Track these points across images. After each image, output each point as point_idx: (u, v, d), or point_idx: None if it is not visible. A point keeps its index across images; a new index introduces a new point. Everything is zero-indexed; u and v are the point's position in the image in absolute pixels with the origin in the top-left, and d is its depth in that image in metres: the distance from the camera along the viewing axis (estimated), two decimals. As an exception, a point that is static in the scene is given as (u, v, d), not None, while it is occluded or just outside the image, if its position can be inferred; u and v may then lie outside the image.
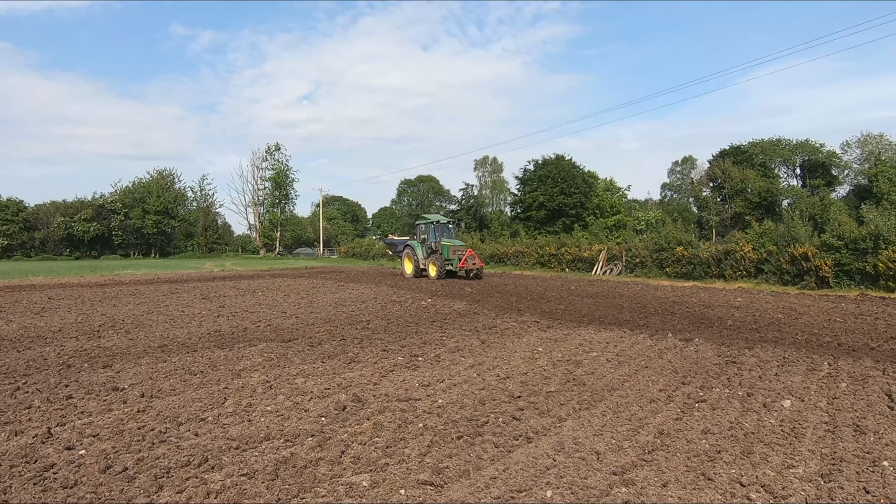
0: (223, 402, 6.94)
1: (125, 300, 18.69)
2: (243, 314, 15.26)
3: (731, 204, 61.56)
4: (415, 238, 31.60)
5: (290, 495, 4.48)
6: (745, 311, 16.44)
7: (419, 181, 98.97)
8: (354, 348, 10.46)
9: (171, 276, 32.71)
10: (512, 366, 9.03)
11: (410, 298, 19.37)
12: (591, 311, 16.09)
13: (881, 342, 11.22)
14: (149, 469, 4.90)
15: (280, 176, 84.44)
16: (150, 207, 77.33)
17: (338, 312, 15.72)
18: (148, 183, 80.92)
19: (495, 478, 4.78)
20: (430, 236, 30.32)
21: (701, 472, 4.90)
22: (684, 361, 9.42)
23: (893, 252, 22.21)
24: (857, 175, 63.79)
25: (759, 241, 27.58)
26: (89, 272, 35.26)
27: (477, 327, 12.94)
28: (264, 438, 5.66)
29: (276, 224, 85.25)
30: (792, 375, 8.38)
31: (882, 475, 4.82)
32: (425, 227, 30.89)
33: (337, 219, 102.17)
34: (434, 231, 30.33)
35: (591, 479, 4.74)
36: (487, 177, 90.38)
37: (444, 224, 31.07)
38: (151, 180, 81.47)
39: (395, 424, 6.08)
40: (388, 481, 4.71)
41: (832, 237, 24.70)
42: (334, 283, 26.43)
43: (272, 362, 9.23)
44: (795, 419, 6.35)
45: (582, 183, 60.28)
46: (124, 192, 79.98)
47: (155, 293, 21.17)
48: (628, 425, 6.14)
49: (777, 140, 69.63)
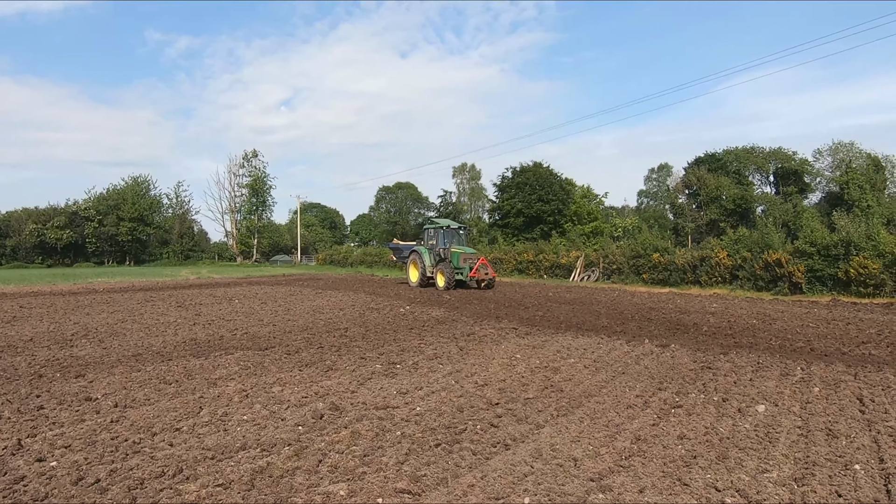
0: (199, 412, 6.86)
1: (99, 308, 18.42)
2: (220, 322, 15.12)
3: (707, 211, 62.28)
4: (422, 243, 29.32)
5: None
6: (721, 316, 16.62)
7: (397, 188, 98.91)
8: (332, 356, 10.40)
9: (146, 283, 32.29)
10: (490, 373, 9.04)
11: (389, 306, 19.32)
12: (569, 318, 16.17)
13: (852, 347, 11.40)
14: (122, 481, 4.83)
15: (257, 182, 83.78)
16: (125, 214, 76.24)
17: (315, 320, 15.63)
18: (122, 189, 79.77)
19: (473, 485, 4.78)
20: (439, 242, 28.13)
21: (677, 477, 4.94)
22: (661, 367, 9.49)
23: (864, 258, 22.61)
24: (828, 182, 64.85)
25: (733, 248, 27.93)
26: (62, 280, 34.70)
27: (455, 334, 12.94)
28: (240, 448, 5.60)
29: (253, 231, 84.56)
30: (766, 380, 8.48)
31: (854, 478, 4.89)
32: (434, 233, 28.61)
33: (315, 226, 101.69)
34: (444, 237, 28.17)
35: (569, 486, 4.75)
36: (466, 184, 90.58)
37: (455, 229, 29.01)
38: (126, 187, 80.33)
39: (372, 433, 6.06)
40: (365, 490, 4.69)
41: (805, 244, 25.10)
42: (312, 291, 26.28)
43: (249, 371, 9.14)
44: (769, 424, 6.43)
45: (559, 190, 60.66)
46: (98, 198, 78.79)
47: (129, 301, 20.89)
48: (605, 431, 6.17)
49: (751, 148, 70.71)
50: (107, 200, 78.15)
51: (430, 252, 27.95)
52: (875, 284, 22.22)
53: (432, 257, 27.81)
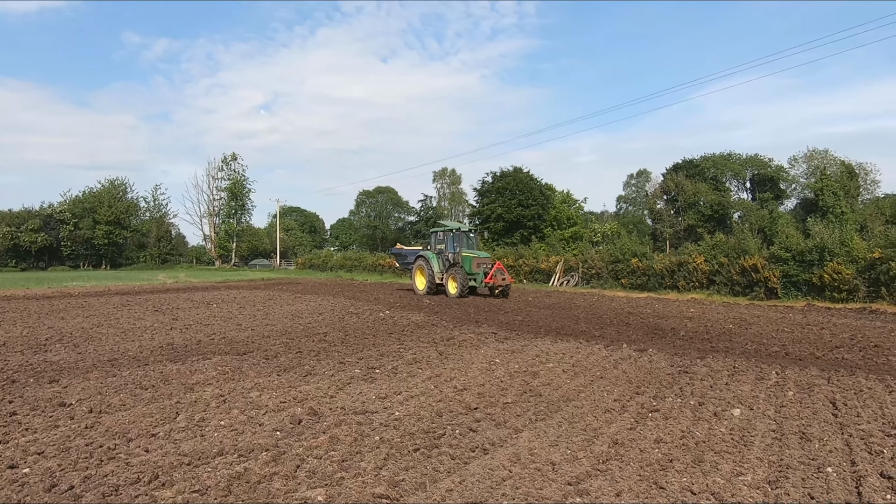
0: (175, 417, 6.79)
1: (74, 313, 18.17)
2: (197, 327, 14.98)
3: (685, 216, 62.99)
4: (428, 248, 27.40)
5: (244, 511, 4.41)
6: (698, 321, 16.79)
7: (378, 192, 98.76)
8: (311, 361, 10.36)
9: (123, 287, 31.90)
10: (469, 377, 9.05)
11: (368, 310, 19.28)
12: (548, 323, 16.24)
13: (826, 351, 11.58)
14: (96, 487, 4.77)
15: (236, 186, 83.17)
16: (101, 218, 75.27)
17: (294, 325, 15.54)
18: (99, 192, 78.75)
19: (451, 490, 4.78)
20: (448, 246, 26.05)
21: (653, 480, 4.98)
22: (638, 371, 9.57)
23: (838, 264, 22.98)
24: (803, 189, 65.95)
25: (710, 253, 28.25)
26: (36, 284, 34.18)
27: (435, 339, 12.94)
28: (217, 454, 5.56)
29: (231, 235, 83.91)
30: (741, 384, 8.58)
31: (826, 481, 4.96)
32: (443, 236, 26.76)
33: (294, 230, 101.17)
34: (453, 240, 26.20)
35: (547, 490, 4.77)
36: (446, 188, 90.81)
37: (465, 232, 27.05)
38: (102, 190, 79.33)
39: (351, 438, 6.04)
40: (343, 495, 4.67)
41: (780, 249, 25.46)
42: (291, 295, 26.14)
43: (226, 376, 9.07)
44: (744, 427, 6.51)
45: (539, 195, 60.97)
46: (74, 201, 77.75)
47: (105, 306, 20.63)
48: (583, 435, 6.20)
49: (728, 154, 71.74)
50: (82, 203, 77.19)
51: (439, 257, 26.30)
52: (849, 290, 22.58)
53: (441, 263, 26.14)
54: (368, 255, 62.00)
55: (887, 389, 8.26)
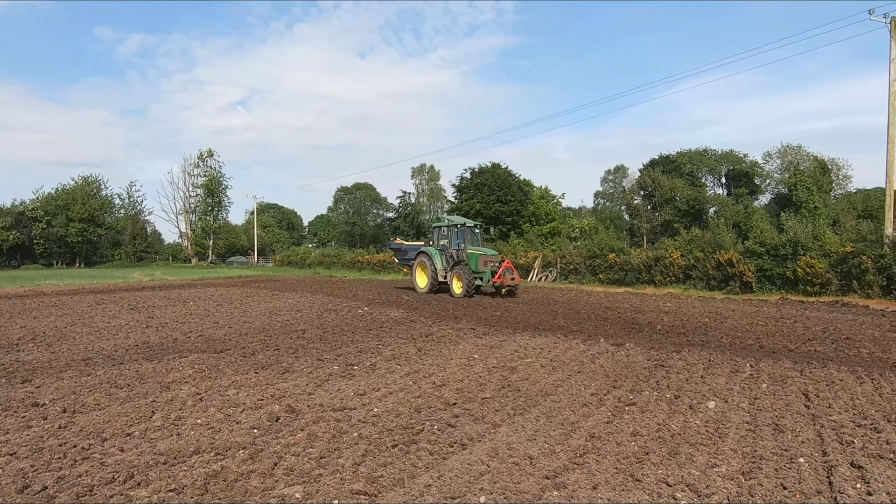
0: (151, 416, 6.72)
1: (47, 312, 17.90)
2: (173, 325, 14.83)
3: (661, 212, 63.54)
4: (430, 244, 26.09)
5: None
6: (674, 315, 16.97)
7: (356, 188, 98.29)
8: (289, 358, 10.30)
9: (97, 286, 31.48)
10: (448, 373, 9.06)
11: (347, 307, 19.22)
12: (527, 318, 16.31)
13: (799, 344, 11.76)
14: (70, 488, 4.71)
15: (213, 183, 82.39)
16: (75, 215, 74.06)
17: (272, 322, 15.46)
18: (72, 189, 77.45)
19: (430, 485, 4.79)
20: (452, 243, 24.85)
21: (630, 473, 5.03)
22: (616, 366, 9.65)
23: (811, 258, 23.33)
24: (777, 184, 66.76)
25: (687, 248, 28.55)
26: (8, 283, 33.60)
27: (413, 335, 12.94)
28: (194, 452, 5.51)
29: (208, 232, 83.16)
30: (717, 377, 8.69)
31: (798, 471, 5.05)
32: (447, 232, 25.37)
33: (272, 227, 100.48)
34: (457, 236, 24.92)
35: (524, 484, 4.80)
36: (425, 184, 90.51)
37: (471, 228, 25.70)
38: (76, 186, 78.03)
39: (329, 434, 6.02)
40: (321, 492, 4.66)
41: (755, 244, 25.80)
42: (269, 292, 25.97)
43: (203, 374, 8.99)
44: (719, 420, 6.60)
45: (518, 191, 61.12)
46: (46, 199, 76.40)
47: (79, 304, 20.35)
48: (561, 429, 6.25)
49: (704, 150, 72.37)
50: (55, 201, 75.90)
51: (442, 254, 24.86)
52: (821, 283, 22.94)
53: (444, 259, 24.71)
54: (347, 251, 61.77)
55: (858, 381, 8.41)
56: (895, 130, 23.40)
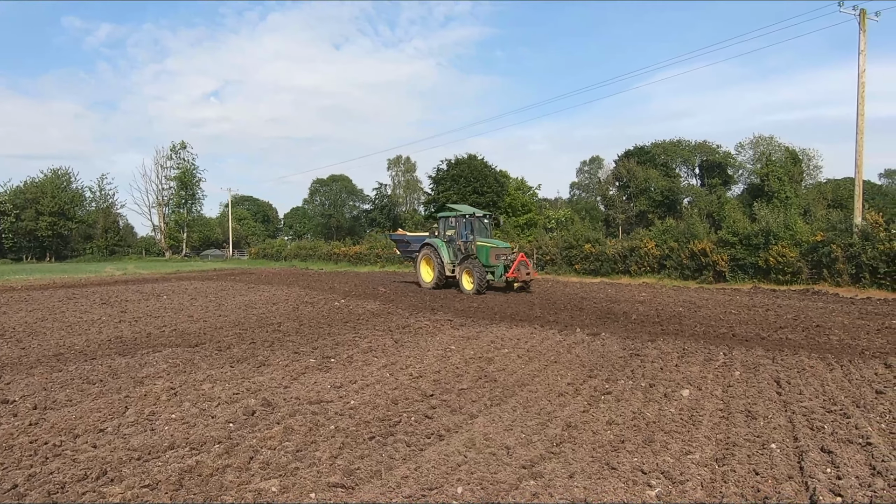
0: (124, 412, 6.64)
1: (16, 307, 17.58)
2: (147, 319, 14.66)
3: (636, 202, 64.01)
4: (436, 235, 23.95)
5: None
6: (649, 305, 17.13)
7: (332, 180, 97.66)
8: (265, 351, 10.24)
9: (68, 280, 30.98)
10: (425, 364, 9.07)
11: (323, 299, 19.13)
12: (503, 309, 16.36)
13: (771, 332, 11.93)
14: (41, 485, 4.63)
15: (186, 175, 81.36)
16: (45, 208, 72.63)
17: (248, 315, 15.34)
18: (42, 182, 75.95)
19: (407, 477, 4.79)
20: (459, 234, 22.61)
21: (605, 461, 5.08)
22: (592, 355, 9.72)
23: (782, 247, 23.67)
24: (750, 175, 67.52)
25: (661, 238, 28.80)
26: (-24, 278, 32.98)
27: (391, 327, 12.92)
28: (168, 447, 5.46)
29: (182, 225, 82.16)
30: (691, 366, 8.80)
31: (770, 457, 5.13)
32: (455, 222, 23.09)
33: (247, 219, 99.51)
34: (465, 227, 22.63)
35: (501, 474, 4.82)
36: (401, 176, 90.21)
37: (479, 218, 23.34)
38: (45, 179, 76.54)
39: (305, 427, 6.00)
40: (298, 485, 4.64)
41: (728, 234, 26.11)
42: (244, 286, 25.77)
43: (177, 368, 8.90)
44: (693, 407, 6.68)
45: (494, 182, 61.19)
46: (15, 192, 74.82)
47: (50, 299, 20.02)
48: (537, 419, 6.28)
49: (678, 141, 73.00)
50: (24, 194, 74.38)
51: (449, 246, 22.83)
52: (792, 272, 23.28)
53: (452, 252, 22.66)
54: (323, 243, 61.42)
55: (828, 367, 8.57)
56: (864, 121, 23.80)
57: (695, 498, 4.38)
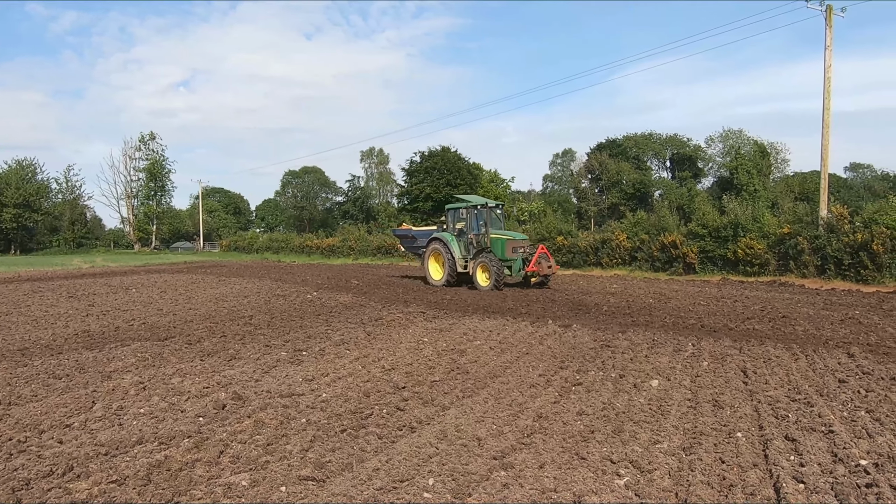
0: (91, 407, 6.54)
1: (-20, 301, 17.21)
2: (115, 313, 14.44)
3: (608, 195, 64.59)
4: (444, 228, 22.37)
5: (164, 500, 4.30)
6: (620, 296, 17.31)
7: (304, 172, 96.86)
8: (236, 345, 10.15)
9: (34, 273, 30.40)
10: (397, 357, 9.07)
11: (295, 292, 19.02)
12: (476, 301, 16.41)
13: (739, 323, 12.14)
14: (5, 482, 4.54)
15: (155, 166, 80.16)
16: (8, 200, 70.98)
17: (218, 308, 15.19)
18: (5, 174, 74.17)
19: (378, 469, 4.79)
20: (471, 226, 20.99)
21: (575, 451, 5.13)
22: (563, 347, 9.80)
23: (751, 239, 24.06)
24: (719, 168, 68.50)
25: (632, 231, 29.09)
26: (-63, 271, 32.20)
27: (363, 319, 12.89)
28: (136, 442, 5.39)
29: (151, 217, 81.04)
30: (660, 356, 8.91)
31: (736, 446, 5.23)
32: (466, 213, 21.49)
33: (218, 211, 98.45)
34: (477, 218, 20.97)
35: (472, 465, 4.85)
36: (374, 168, 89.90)
37: (492, 208, 21.54)
38: (9, 170, 74.78)
39: (276, 421, 5.97)
40: (268, 479, 4.62)
41: (697, 226, 26.45)
42: (215, 278, 25.50)
43: (146, 362, 8.79)
44: (662, 397, 6.77)
45: (467, 174, 61.21)
46: (-23, 183, 73.26)
47: (14, 293, 19.62)
48: (509, 411, 6.32)
49: (649, 134, 73.78)
50: (-13, 185, 72.77)
51: (460, 239, 21.16)
52: (760, 264, 23.69)
53: (463, 246, 21.02)
54: (295, 236, 60.99)
55: (793, 357, 8.74)
56: (830, 116, 24.23)
57: (662, 486, 4.45)
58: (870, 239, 20.48)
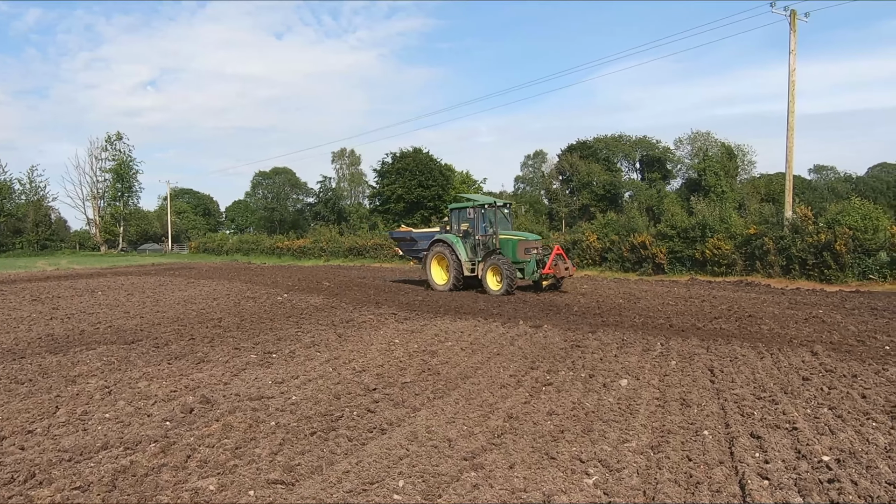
0: (55, 412, 6.42)
1: (-61, 305, 16.78)
2: (80, 316, 14.18)
3: (579, 196, 65.06)
4: (448, 229, 20.88)
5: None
6: (590, 297, 17.45)
7: (275, 173, 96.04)
8: (204, 347, 10.03)
9: (-4, 276, 29.73)
10: (368, 358, 9.04)
11: (266, 294, 18.84)
12: (448, 302, 16.42)
13: (706, 322, 12.31)
14: (-36, 490, 4.44)
15: (122, 167, 78.82)
16: (-31, 201, 69.54)
17: (187, 311, 14.99)
18: (-34, 174, 72.64)
19: (348, 472, 4.77)
20: (477, 227, 19.62)
21: (545, 451, 5.16)
22: (534, 347, 9.85)
23: (718, 240, 24.42)
24: (688, 169, 69.44)
25: (603, 232, 29.38)
26: None
27: (334, 321, 12.82)
28: (101, 447, 5.30)
29: (118, 218, 79.67)
30: (629, 356, 9.00)
31: (703, 443, 5.30)
32: (472, 214, 19.95)
33: (187, 212, 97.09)
34: (483, 219, 19.75)
35: (443, 466, 4.85)
36: (345, 169, 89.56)
37: (500, 207, 20.45)
38: (-31, 171, 73.20)
39: (245, 424, 5.91)
40: (236, 483, 4.57)
41: (666, 227, 26.79)
42: (184, 280, 25.16)
43: (112, 366, 8.64)
44: (631, 397, 6.84)
45: (439, 175, 61.29)
46: (-63, 183, 71.42)
47: (-24, 296, 19.16)
48: (480, 411, 6.33)
49: (619, 136, 74.51)
50: (-53, 186, 70.95)
51: (465, 241, 19.84)
52: (727, 264, 24.05)
53: (469, 248, 19.74)
54: (266, 237, 60.47)
55: (759, 356, 8.88)
56: (795, 119, 24.70)
57: (631, 485, 4.49)
58: (833, 239, 20.92)
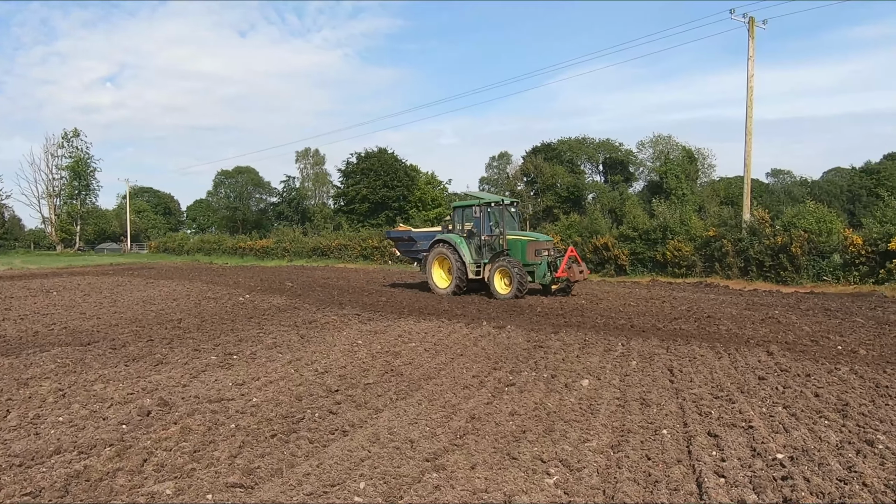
0: (5, 416, 6.24)
1: None
2: (34, 317, 13.81)
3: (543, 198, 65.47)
4: (450, 229, 19.61)
5: (83, 511, 4.14)
6: (553, 298, 17.57)
7: (237, 172, 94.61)
8: (163, 349, 9.85)
9: (-54, 276, 28.80)
10: (331, 360, 8.97)
11: (227, 294, 18.59)
12: (412, 303, 16.40)
13: (666, 323, 12.50)
14: None
15: (79, 165, 76.98)
16: (-82, 199, 67.32)
17: (145, 311, 14.71)
18: (-86, 171, 70.33)
19: (309, 474, 4.73)
20: (483, 227, 18.42)
21: (507, 452, 5.18)
22: (497, 348, 9.89)
23: (679, 242, 24.84)
24: (650, 172, 70.43)
25: (566, 233, 29.60)
26: None
27: (297, 322, 12.71)
28: (54, 452, 5.16)
29: (75, 217, 77.81)
30: (591, 356, 9.09)
31: (661, 443, 5.38)
32: (478, 212, 18.35)
33: (147, 211, 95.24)
34: (489, 218, 18.53)
35: (405, 468, 4.83)
36: (310, 169, 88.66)
37: (507, 206, 19.17)
38: (-82, 167, 70.94)
39: (204, 427, 5.81)
40: (194, 487, 4.49)
41: (628, 229, 27.16)
42: (143, 281, 24.69)
43: (67, 368, 8.43)
44: (592, 397, 6.91)
45: (404, 176, 61.22)
46: None
47: (-77, 296, 18.53)
48: (442, 412, 6.33)
49: (583, 139, 75.17)
50: None
51: (469, 241, 18.68)
52: (687, 265, 24.48)
53: (474, 249, 18.56)
54: (228, 237, 59.64)
55: (717, 356, 9.05)
56: (753, 123, 25.26)
57: (591, 484, 4.53)
58: (789, 242, 21.43)
